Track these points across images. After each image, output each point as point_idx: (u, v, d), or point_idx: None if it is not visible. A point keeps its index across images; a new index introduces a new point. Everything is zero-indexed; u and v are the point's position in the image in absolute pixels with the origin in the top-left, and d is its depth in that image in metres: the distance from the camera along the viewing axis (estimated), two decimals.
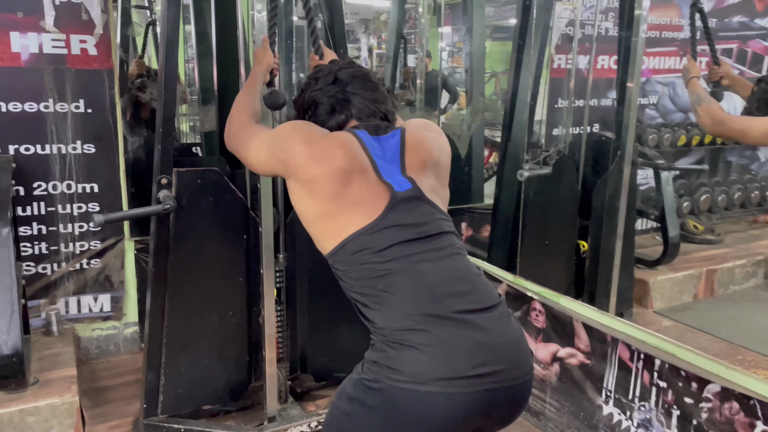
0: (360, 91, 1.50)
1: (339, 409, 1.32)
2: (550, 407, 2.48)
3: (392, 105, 1.57)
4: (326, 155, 1.37)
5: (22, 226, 2.78)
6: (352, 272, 1.34)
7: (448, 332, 1.25)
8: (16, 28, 2.61)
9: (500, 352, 1.27)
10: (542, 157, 3.03)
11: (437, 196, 1.44)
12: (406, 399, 1.21)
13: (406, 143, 1.44)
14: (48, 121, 2.74)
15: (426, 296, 1.28)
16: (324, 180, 1.35)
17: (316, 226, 1.39)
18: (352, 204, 1.35)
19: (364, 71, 1.55)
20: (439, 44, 6.18)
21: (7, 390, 2.32)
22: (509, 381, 1.27)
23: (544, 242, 3.26)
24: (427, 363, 1.22)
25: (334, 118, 1.50)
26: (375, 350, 1.29)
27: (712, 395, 1.86)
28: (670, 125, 4.46)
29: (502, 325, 1.31)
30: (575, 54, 3.30)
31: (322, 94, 1.51)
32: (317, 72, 1.56)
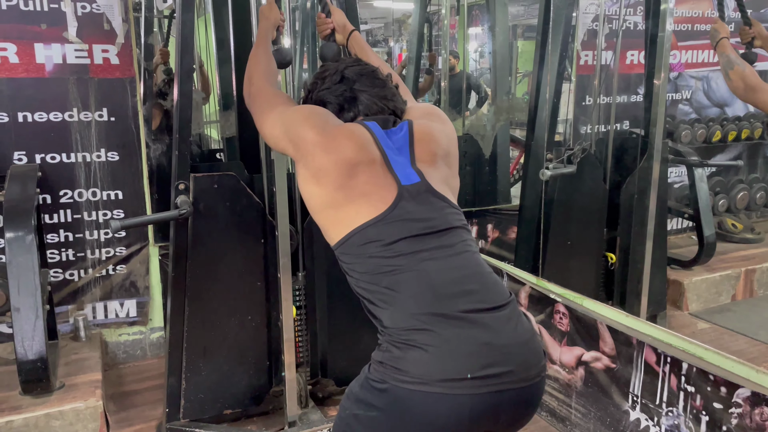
0: (368, 89, 1.49)
1: (347, 410, 1.29)
2: (576, 412, 2.41)
3: (400, 101, 1.55)
4: (335, 145, 1.36)
5: (50, 234, 2.83)
6: (358, 266, 1.31)
7: (453, 332, 1.21)
8: (40, 40, 2.67)
9: (508, 353, 1.23)
10: (566, 156, 2.95)
11: (448, 187, 1.41)
12: (412, 400, 1.18)
13: (414, 135, 1.43)
14: (72, 130, 2.79)
15: (432, 295, 1.24)
16: (331, 169, 1.34)
17: (322, 214, 1.38)
18: (359, 195, 1.33)
19: (370, 68, 1.53)
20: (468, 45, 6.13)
21: (32, 394, 2.37)
22: (517, 383, 1.22)
23: (570, 243, 3.18)
24: (432, 364, 1.19)
25: (342, 116, 1.49)
26: (381, 350, 1.26)
27: (742, 400, 1.77)
28: (704, 120, 4.31)
29: (511, 325, 1.27)
30: (600, 50, 3.22)
31: (330, 94, 1.50)
32: (324, 71, 1.55)
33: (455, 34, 5.29)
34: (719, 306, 3.80)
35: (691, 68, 4.37)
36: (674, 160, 3.54)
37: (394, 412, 1.20)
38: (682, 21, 4.23)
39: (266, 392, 2.56)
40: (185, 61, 2.26)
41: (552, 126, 3.02)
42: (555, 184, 3.05)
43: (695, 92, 4.42)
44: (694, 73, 4.40)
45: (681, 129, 4.08)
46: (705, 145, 4.22)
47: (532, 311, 2.58)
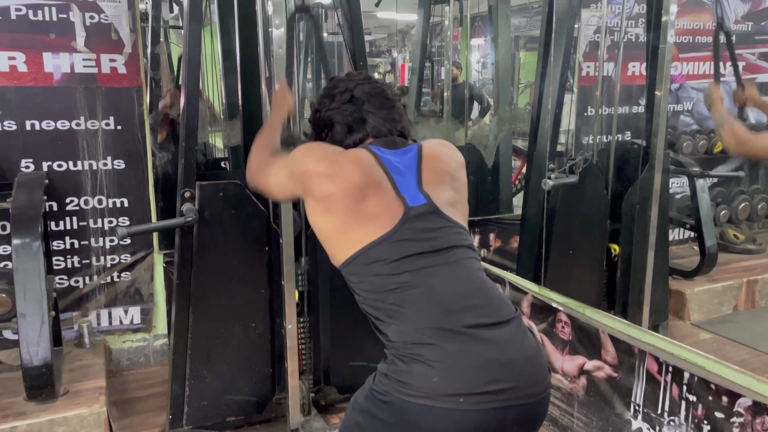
0: (376, 110, 1.50)
1: (351, 420, 1.31)
2: (578, 422, 2.42)
3: (408, 122, 1.57)
4: (341, 172, 1.37)
5: (55, 241, 2.86)
6: (365, 284, 1.33)
7: (458, 347, 1.22)
8: (49, 49, 2.70)
9: (513, 369, 1.24)
10: (568, 166, 2.98)
11: (455, 210, 1.41)
12: (416, 413, 1.20)
13: (423, 157, 1.44)
14: (80, 138, 2.82)
15: (437, 310, 1.26)
16: (339, 196, 1.35)
17: (332, 241, 1.39)
18: (367, 218, 1.34)
19: (380, 88, 1.54)
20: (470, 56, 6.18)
21: (37, 400, 2.38)
22: (522, 399, 1.23)
23: (572, 253, 3.20)
24: (436, 378, 1.20)
25: (351, 137, 1.50)
26: (386, 363, 1.28)
27: (743, 409, 1.78)
28: (706, 131, 4.33)
29: (517, 341, 1.28)
30: (602, 61, 3.25)
31: (338, 114, 1.51)
32: (333, 88, 1.55)
33: (458, 45, 5.34)
34: (721, 316, 3.81)
35: (692, 80, 4.40)
36: (675, 170, 3.56)
37: (397, 425, 1.21)
38: (684, 33, 4.27)
39: (269, 400, 2.58)
40: (192, 72, 2.30)
41: (554, 136, 3.05)
42: (557, 193, 3.07)
43: (697, 103, 4.45)
44: (696, 85, 4.43)
45: (682, 140, 4.11)
46: (706, 156, 4.24)
47: (534, 320, 2.59)
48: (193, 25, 2.28)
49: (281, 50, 2.14)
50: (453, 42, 5.24)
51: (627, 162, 3.37)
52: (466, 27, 4.84)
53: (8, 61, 2.65)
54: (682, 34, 4.24)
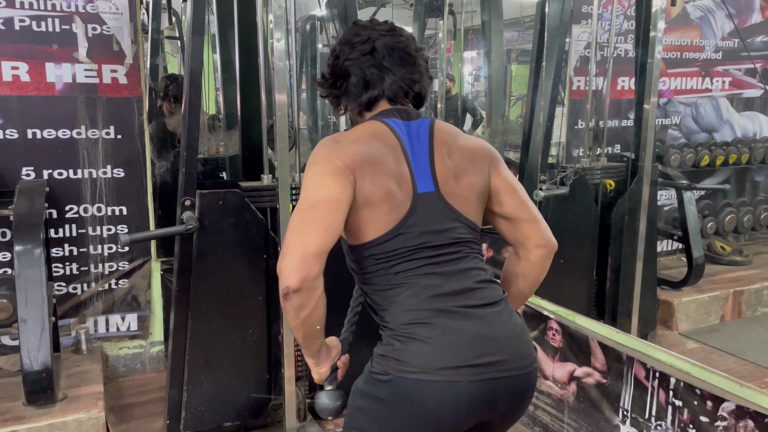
0: (396, 68, 1.42)
1: (353, 405, 1.36)
2: (569, 427, 2.47)
3: (427, 82, 1.49)
4: (375, 178, 1.32)
5: (55, 248, 2.89)
6: (366, 269, 1.37)
7: (451, 325, 1.29)
8: (52, 60, 2.76)
9: (502, 344, 1.30)
10: (559, 178, 3.05)
11: (463, 199, 1.39)
12: (413, 388, 1.25)
13: (435, 136, 1.41)
14: (80, 146, 2.87)
15: (431, 293, 1.32)
16: (378, 203, 1.32)
17: (347, 229, 1.36)
18: (385, 209, 1.33)
19: (404, 42, 1.45)
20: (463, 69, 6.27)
21: (36, 405, 2.41)
22: (512, 371, 1.30)
23: (563, 262, 3.26)
24: (431, 354, 1.26)
25: (366, 93, 1.44)
26: (383, 344, 1.33)
27: (727, 414, 1.84)
28: (693, 145, 4.43)
29: (504, 319, 1.35)
30: (592, 76, 3.33)
31: (356, 65, 1.43)
32: (354, 36, 1.45)
33: (451, 58, 5.43)
34: (708, 326, 3.88)
35: (680, 94, 4.50)
36: (663, 183, 3.64)
37: (396, 401, 1.27)
38: (672, 49, 4.37)
39: (266, 405, 2.61)
40: (194, 83, 2.35)
41: (545, 148, 3.12)
42: (548, 204, 3.14)
43: (684, 118, 4.55)
44: (684, 100, 4.53)
45: (670, 153, 4.20)
46: (694, 169, 4.34)
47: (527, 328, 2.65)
48: (196, 37, 2.34)
49: (282, 63, 2.20)
50: (446, 54, 5.34)
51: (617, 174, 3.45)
52: (460, 40, 4.94)
53: (11, 71, 2.70)
54: (670, 50, 4.34)
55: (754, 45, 4.73)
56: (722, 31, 4.58)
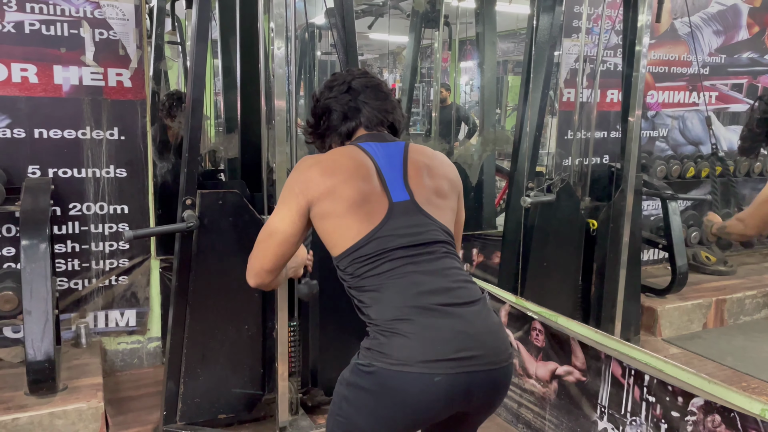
0: (371, 101, 1.63)
1: (339, 394, 1.47)
2: (550, 424, 2.58)
3: (400, 115, 1.71)
4: (339, 193, 1.49)
5: (58, 244, 2.99)
6: (351, 273, 1.49)
7: (431, 322, 1.40)
8: (59, 62, 2.86)
9: (479, 340, 1.41)
10: (546, 185, 3.16)
11: (436, 207, 1.55)
12: (395, 379, 1.36)
13: (409, 155, 1.58)
14: (85, 147, 2.97)
15: (413, 292, 1.43)
16: (342, 209, 1.49)
17: (330, 238, 1.52)
18: (361, 216, 1.48)
19: (376, 82, 1.67)
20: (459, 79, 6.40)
21: (38, 394, 2.50)
22: (488, 365, 1.41)
23: (548, 267, 3.38)
24: (412, 347, 1.37)
25: (345, 124, 1.64)
26: (369, 339, 1.44)
27: (696, 408, 1.95)
28: (679, 157, 4.56)
29: (482, 317, 1.46)
30: (579, 88, 3.46)
31: (336, 102, 1.64)
32: (333, 81, 1.68)
33: (447, 67, 5.55)
34: (691, 333, 3.99)
35: (668, 107, 4.63)
36: (647, 192, 3.76)
37: (379, 392, 1.38)
38: (660, 63, 4.50)
39: (259, 399, 2.71)
40: (197, 88, 2.46)
41: (533, 157, 3.24)
42: (536, 211, 3.26)
43: (671, 130, 4.68)
44: (671, 113, 4.66)
45: (657, 164, 4.32)
46: (679, 180, 4.46)
47: (511, 328, 2.76)
48: (200, 43, 2.45)
49: (281, 70, 2.31)
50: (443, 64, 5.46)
51: (603, 183, 3.57)
52: (455, 50, 5.06)
53: (21, 73, 2.80)
54: (658, 64, 4.48)
55: (741, 61, 4.87)
56: (710, 47, 4.72)
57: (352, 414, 1.43)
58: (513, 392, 2.78)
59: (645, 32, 3.12)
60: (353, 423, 1.43)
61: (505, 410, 2.84)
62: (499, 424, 2.84)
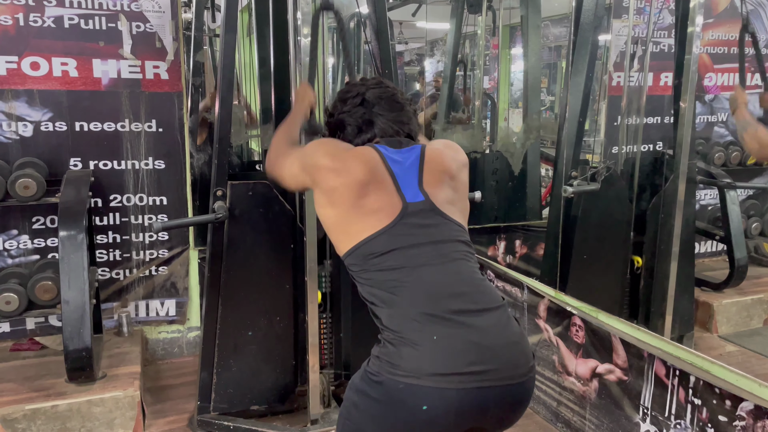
0: (385, 113, 1.60)
1: (348, 399, 1.42)
2: (590, 424, 2.46)
3: (417, 125, 1.67)
4: (346, 168, 1.48)
5: (99, 235, 3.05)
6: (363, 273, 1.44)
7: (442, 332, 1.32)
8: (98, 56, 2.90)
9: (494, 353, 1.32)
10: (590, 174, 3.02)
11: (453, 207, 1.51)
12: (404, 392, 1.29)
13: (425, 158, 1.54)
14: (124, 139, 3.01)
15: (425, 297, 1.36)
16: (343, 190, 1.46)
17: (335, 231, 1.50)
18: (368, 212, 1.45)
19: (390, 92, 1.64)
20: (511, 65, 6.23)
21: (77, 382, 2.56)
22: (503, 381, 1.31)
23: (594, 260, 3.23)
24: (421, 359, 1.30)
25: (360, 137, 1.62)
26: (379, 346, 1.38)
27: (745, 413, 1.81)
28: (740, 143, 4.29)
29: (500, 327, 1.36)
30: (627, 71, 3.29)
31: (350, 116, 1.63)
32: (346, 93, 1.66)
33: (498, 54, 5.40)
34: (750, 330, 3.76)
35: (727, 91, 4.35)
36: (703, 181, 3.55)
37: (387, 402, 1.31)
38: (719, 44, 4.24)
39: (292, 391, 2.70)
40: (226, 78, 2.45)
41: (577, 144, 3.09)
42: (580, 201, 3.11)
43: (731, 115, 4.40)
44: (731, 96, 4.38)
45: (714, 151, 4.07)
46: (740, 167, 4.19)
47: (550, 323, 2.65)
48: (229, 34, 2.43)
49: (308, 59, 2.26)
50: (493, 51, 5.32)
51: (655, 171, 3.39)
52: (506, 36, 4.92)
53: (61, 67, 2.86)
54: (716, 45, 4.21)
55: None
56: None
57: (360, 421, 1.38)
58: (552, 390, 2.68)
59: (699, 11, 2.92)
60: (361, 430, 1.38)
61: (544, 408, 2.74)
62: (538, 422, 2.74)
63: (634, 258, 3.35)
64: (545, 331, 2.69)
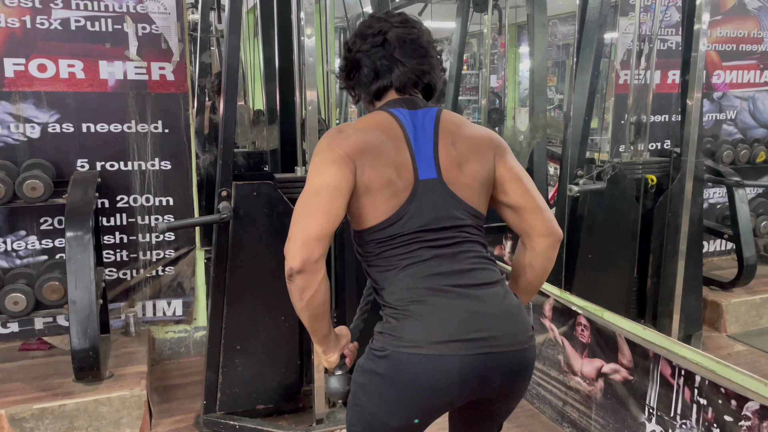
0: (406, 59, 1.46)
1: (356, 382, 1.42)
2: (596, 424, 2.45)
3: (438, 75, 1.52)
4: (377, 172, 1.37)
5: (106, 235, 3.07)
6: (369, 252, 1.43)
7: (444, 303, 1.33)
8: (104, 58, 2.92)
9: (496, 321, 1.34)
10: (596, 173, 3.01)
11: (465, 186, 1.42)
12: (408, 362, 1.30)
13: (441, 124, 1.45)
14: (130, 140, 3.03)
15: (427, 273, 1.36)
16: (376, 178, 1.37)
17: (352, 215, 1.43)
18: (386, 195, 1.38)
19: (415, 34, 1.48)
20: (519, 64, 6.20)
21: (84, 381, 2.58)
22: (503, 347, 1.33)
23: (600, 259, 3.22)
24: (424, 329, 1.31)
25: (375, 83, 1.48)
26: (382, 323, 1.39)
27: (751, 413, 1.80)
28: (749, 141, 4.25)
29: (499, 298, 1.37)
30: (633, 69, 3.27)
31: (367, 57, 1.47)
32: (367, 29, 1.49)
33: (505, 53, 5.39)
34: (759, 329, 3.72)
35: (736, 88, 4.33)
36: (711, 179, 3.52)
37: (393, 376, 1.32)
38: (728, 41, 4.20)
39: (297, 390, 2.70)
40: (230, 79, 2.45)
41: (582, 143, 3.08)
42: (585, 200, 3.10)
43: (740, 112, 4.37)
44: (740, 93, 4.35)
45: (723, 149, 4.04)
46: (749, 165, 4.16)
47: (556, 323, 2.64)
48: (232, 34, 2.44)
49: (312, 59, 2.27)
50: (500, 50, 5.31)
51: (662, 170, 3.36)
52: (513, 35, 4.90)
53: (68, 69, 2.88)
54: (725, 42, 4.18)
55: None
56: None
57: (368, 401, 1.38)
58: (558, 390, 2.67)
59: (705, 9, 2.90)
60: (370, 412, 1.38)
61: (550, 408, 2.73)
62: (544, 422, 2.73)
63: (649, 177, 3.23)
64: (551, 331, 2.68)
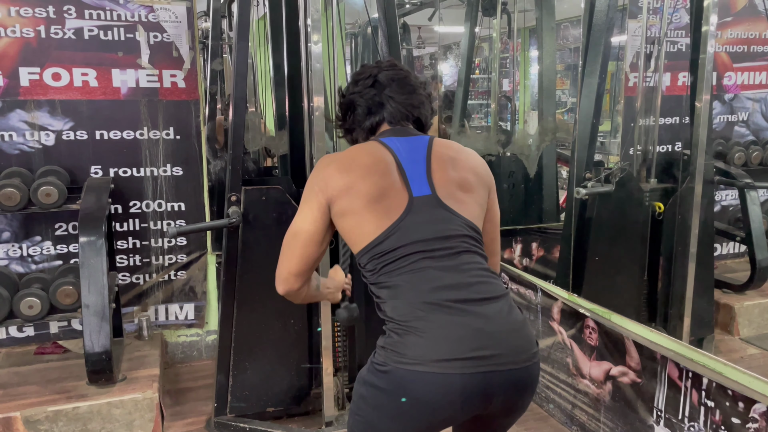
0: (396, 95, 1.58)
1: (357, 393, 1.44)
2: (605, 427, 2.45)
3: (428, 109, 1.64)
4: (359, 179, 1.46)
5: (120, 240, 3.12)
6: (370, 268, 1.46)
7: (447, 319, 1.34)
8: (117, 66, 2.97)
9: (498, 339, 1.34)
10: (604, 175, 3.01)
11: (460, 201, 1.48)
12: (409, 379, 1.31)
13: (433, 148, 1.53)
14: (143, 147, 3.08)
15: (428, 287, 1.38)
16: (357, 202, 1.45)
17: (348, 235, 1.50)
18: (379, 212, 1.45)
19: (403, 74, 1.61)
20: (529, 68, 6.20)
21: (97, 384, 2.62)
22: (507, 365, 1.33)
23: (609, 262, 3.21)
24: (426, 346, 1.32)
25: (369, 119, 1.60)
26: (384, 337, 1.40)
27: (758, 415, 1.79)
28: (761, 143, 4.22)
29: (503, 314, 1.38)
30: (641, 71, 3.26)
31: (360, 97, 1.61)
32: (359, 74, 1.64)
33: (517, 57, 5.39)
34: None
35: (747, 90, 4.30)
36: (722, 181, 3.51)
37: (394, 391, 1.33)
38: (738, 42, 4.18)
39: (307, 393, 2.73)
40: (239, 86, 2.49)
41: (590, 146, 3.08)
42: (594, 203, 3.10)
43: (752, 114, 4.34)
44: (751, 95, 4.32)
45: (734, 151, 4.02)
46: (761, 167, 4.13)
47: (564, 326, 2.64)
48: (241, 42, 2.48)
49: (319, 65, 2.30)
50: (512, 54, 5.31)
51: (672, 172, 3.36)
52: (524, 39, 4.90)
53: (82, 77, 2.93)
54: (736, 43, 4.16)
55: None
56: None
57: (370, 413, 1.40)
58: (567, 393, 2.67)
59: (713, 10, 2.90)
60: (371, 423, 1.40)
61: (559, 411, 2.73)
62: (553, 425, 2.73)
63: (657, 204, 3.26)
64: (559, 334, 2.68)
